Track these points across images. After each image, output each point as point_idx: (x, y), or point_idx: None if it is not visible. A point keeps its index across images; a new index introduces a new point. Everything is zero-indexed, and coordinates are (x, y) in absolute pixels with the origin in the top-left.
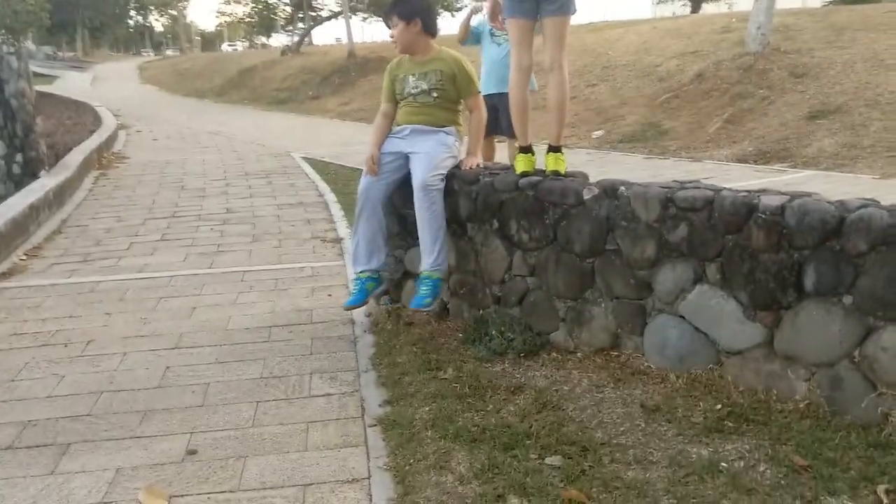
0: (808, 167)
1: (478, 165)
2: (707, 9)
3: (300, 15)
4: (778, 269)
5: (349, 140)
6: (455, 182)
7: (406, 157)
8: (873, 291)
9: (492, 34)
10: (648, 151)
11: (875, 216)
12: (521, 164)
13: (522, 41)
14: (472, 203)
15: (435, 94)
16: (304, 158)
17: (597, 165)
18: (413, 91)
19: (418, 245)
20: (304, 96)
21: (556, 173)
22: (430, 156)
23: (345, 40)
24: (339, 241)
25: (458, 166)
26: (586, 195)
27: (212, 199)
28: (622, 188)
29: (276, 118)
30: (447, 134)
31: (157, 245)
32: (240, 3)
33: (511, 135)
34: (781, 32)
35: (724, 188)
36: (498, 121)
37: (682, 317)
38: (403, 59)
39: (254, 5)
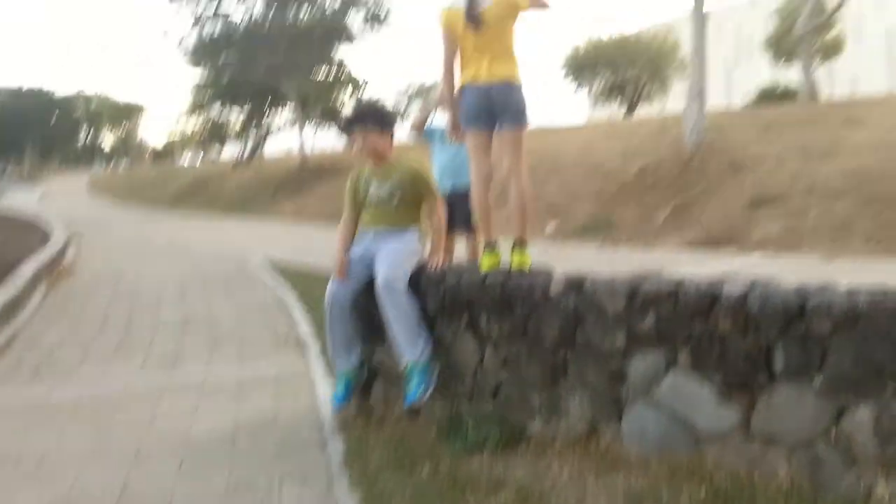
0: (756, 251)
1: (443, 264)
2: (641, 111)
3: (251, 127)
4: (747, 353)
5: (307, 241)
6: (421, 282)
7: (370, 261)
8: (841, 371)
9: (441, 138)
10: (601, 243)
11: (835, 300)
12: (486, 262)
13: (481, 151)
14: (441, 300)
15: (397, 199)
16: (264, 262)
17: (552, 259)
18: (376, 197)
19: (384, 345)
20: (258, 202)
21: (522, 269)
22: (393, 256)
23: (295, 150)
24: (301, 343)
25: (422, 266)
26: (553, 290)
27: (168, 307)
28: (587, 282)
29: (232, 224)
30: (410, 235)
31: (112, 356)
32: (191, 117)
33: (467, 230)
34: (714, 131)
35: (687, 279)
36: (453, 218)
37: (659, 403)
38: (364, 168)
39: (205, 120)
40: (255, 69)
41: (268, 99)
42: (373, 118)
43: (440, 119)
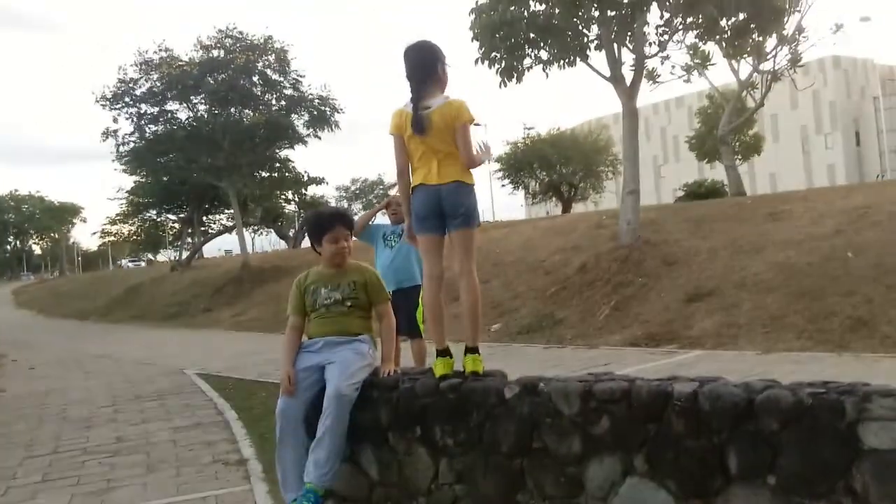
0: (695, 347)
1: (395, 371)
2: (577, 208)
3: (189, 230)
4: (701, 455)
5: (246, 351)
6: (374, 390)
7: (321, 370)
8: (793, 469)
9: (384, 238)
10: (546, 341)
11: (781, 396)
12: (439, 368)
13: (432, 253)
14: (394, 410)
15: (349, 304)
16: (200, 374)
17: (500, 359)
18: (326, 302)
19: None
20: (195, 310)
21: (476, 373)
22: (346, 364)
23: (234, 252)
24: (243, 462)
25: (374, 374)
26: (507, 394)
27: (99, 429)
28: (541, 384)
29: (167, 335)
30: (361, 342)
31: (37, 488)
32: (126, 222)
33: (410, 335)
34: (648, 226)
35: (638, 378)
36: (398, 320)
37: None
38: (311, 271)
39: (140, 224)
40: (196, 170)
41: (207, 201)
42: (349, 220)
43: (382, 219)
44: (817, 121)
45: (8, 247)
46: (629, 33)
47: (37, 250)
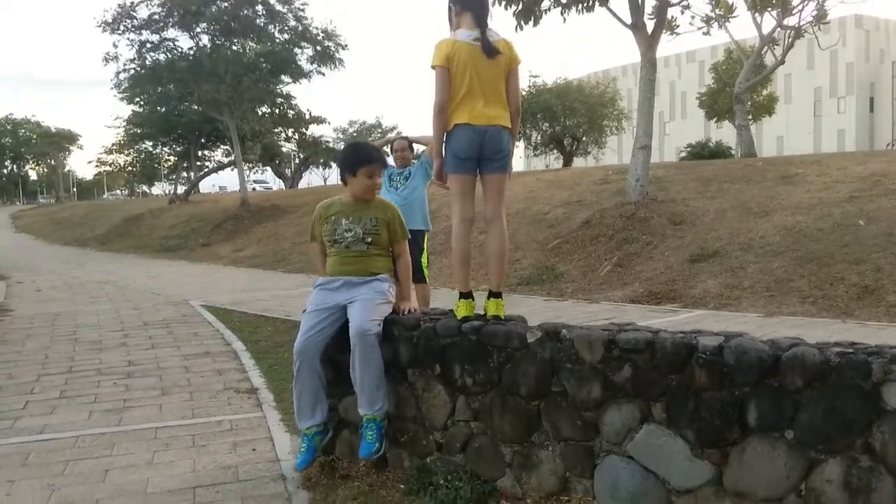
0: (697, 307)
1: (414, 310)
2: (577, 162)
3: (185, 164)
4: (721, 407)
5: (248, 286)
6: (395, 328)
7: (341, 309)
8: (813, 425)
9: (390, 179)
10: (546, 294)
11: (808, 354)
12: (462, 309)
13: (467, 195)
14: (413, 348)
15: (369, 241)
16: (205, 306)
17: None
18: (346, 236)
19: (353, 392)
20: (194, 243)
21: (497, 318)
22: (367, 303)
23: (228, 190)
24: (254, 391)
25: (393, 311)
26: (530, 338)
27: (111, 352)
28: (564, 331)
29: (168, 266)
30: (381, 281)
31: (56, 403)
32: (122, 152)
33: (414, 279)
34: (655, 184)
35: (662, 330)
36: None
37: (631, 457)
38: (335, 200)
39: (136, 155)
40: (196, 102)
41: (205, 135)
42: (385, 160)
43: (389, 160)
44: (832, 83)
45: (4, 171)
46: None
47: (32, 176)
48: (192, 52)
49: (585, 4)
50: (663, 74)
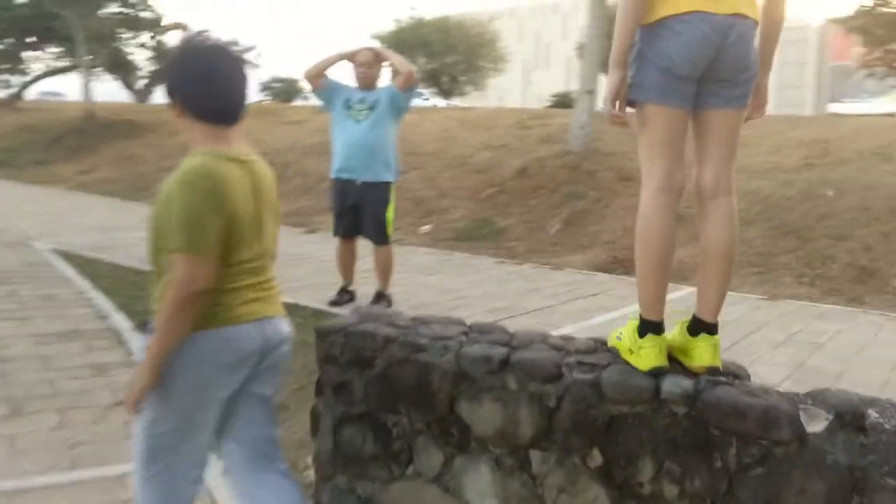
0: (677, 280)
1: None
2: (454, 103)
3: (8, 66)
4: None
5: (107, 222)
6: (512, 374)
7: None
8: None
9: (347, 105)
10: (494, 254)
11: None
12: (649, 353)
13: (674, 143)
14: (547, 417)
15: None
16: (56, 251)
17: (446, 272)
18: None
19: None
20: (25, 161)
21: (714, 370)
22: None
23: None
24: None
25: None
26: (810, 426)
27: None
28: (874, 415)
29: None
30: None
31: None
32: None
33: (376, 239)
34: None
35: None
36: (359, 220)
37: None
38: None
39: None
40: None
41: (34, 32)
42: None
43: (348, 73)
44: None
45: None
46: None
47: None
48: None
49: None
50: (529, 25)
